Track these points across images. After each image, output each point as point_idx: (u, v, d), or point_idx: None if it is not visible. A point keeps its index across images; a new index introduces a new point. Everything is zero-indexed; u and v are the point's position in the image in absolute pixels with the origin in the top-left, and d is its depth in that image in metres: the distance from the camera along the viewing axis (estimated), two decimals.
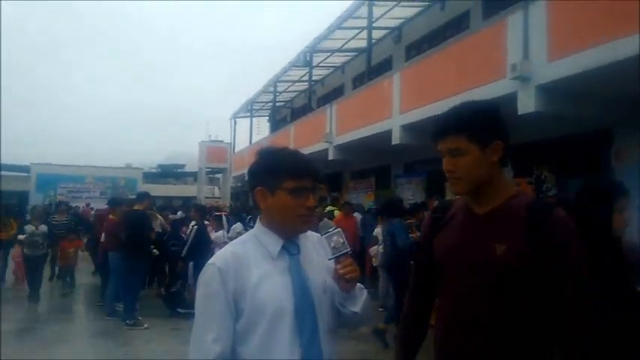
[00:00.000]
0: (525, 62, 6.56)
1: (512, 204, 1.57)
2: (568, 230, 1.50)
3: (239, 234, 9.09)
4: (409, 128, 9.71)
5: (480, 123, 1.56)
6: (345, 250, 1.52)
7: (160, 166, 49.16)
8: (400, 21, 14.56)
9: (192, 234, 7.59)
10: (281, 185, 1.53)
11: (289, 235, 1.59)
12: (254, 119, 26.20)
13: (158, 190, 34.88)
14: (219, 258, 1.54)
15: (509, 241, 1.49)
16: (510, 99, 6.72)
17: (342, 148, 13.00)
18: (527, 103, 6.60)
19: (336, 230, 1.56)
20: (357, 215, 10.42)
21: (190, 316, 5.64)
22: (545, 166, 8.71)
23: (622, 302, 2.15)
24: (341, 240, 1.53)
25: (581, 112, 6.90)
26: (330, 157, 13.21)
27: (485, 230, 1.56)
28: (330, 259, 1.54)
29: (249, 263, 1.52)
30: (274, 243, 1.56)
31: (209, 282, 1.50)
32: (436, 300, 1.77)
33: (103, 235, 8.24)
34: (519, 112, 6.67)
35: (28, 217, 9.90)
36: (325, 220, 7.36)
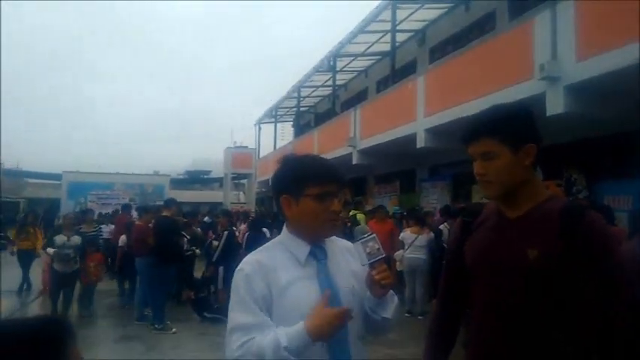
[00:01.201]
0: (553, 62, 6.45)
1: (544, 208, 1.53)
2: (603, 234, 1.46)
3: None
4: (434, 131, 9.63)
5: (513, 126, 1.53)
6: (381, 256, 1.52)
7: (186, 172, 49.87)
8: (424, 23, 14.48)
9: (223, 239, 7.67)
10: (305, 192, 1.54)
11: (316, 240, 1.59)
12: (278, 125, 26.39)
13: (185, 196, 35.43)
14: (247, 264, 1.56)
15: (541, 246, 1.45)
16: (538, 100, 6.60)
17: (366, 153, 12.97)
18: (555, 104, 6.49)
19: (372, 236, 1.55)
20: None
21: (217, 320, 5.72)
22: (575, 168, 8.51)
23: None
24: (376, 246, 1.53)
25: (611, 113, 6.74)
26: (354, 161, 13.19)
27: (517, 235, 1.53)
28: (364, 265, 1.54)
29: (277, 269, 1.53)
30: (301, 249, 1.57)
31: (238, 287, 1.52)
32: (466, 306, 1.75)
33: (121, 238, 8.69)
34: (548, 113, 6.56)
35: (57, 224, 9.07)
36: (362, 225, 7.33)
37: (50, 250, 7.21)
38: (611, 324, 1.40)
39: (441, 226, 8.44)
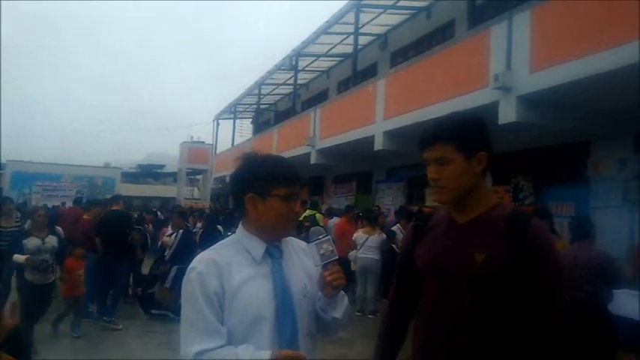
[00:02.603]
0: (507, 72, 6.68)
1: (492, 214, 1.59)
2: (546, 240, 1.53)
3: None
4: (392, 134, 9.79)
5: (467, 134, 1.59)
6: (334, 258, 1.55)
7: (139, 165, 48.59)
8: (386, 28, 14.68)
9: (178, 239, 7.49)
10: (273, 192, 1.56)
11: (274, 239, 1.61)
12: (237, 121, 26.09)
13: (137, 190, 34.56)
14: (200, 262, 1.54)
15: (488, 251, 1.51)
16: (492, 108, 6.83)
17: (324, 152, 13.03)
18: (508, 113, 6.72)
19: (326, 238, 1.59)
20: (338, 220, 10.42)
21: (165, 318, 5.61)
22: (523, 175, 8.86)
23: None
24: (330, 247, 1.56)
25: (561, 124, 7.06)
26: (313, 160, 13.24)
27: (466, 239, 1.58)
28: (318, 266, 1.57)
29: (231, 267, 1.52)
30: (258, 247, 1.58)
31: (191, 286, 1.50)
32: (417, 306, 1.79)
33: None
34: (500, 122, 6.79)
35: (27, 227, 6.90)
36: (317, 227, 7.31)
37: (20, 258, 5.40)
38: (549, 327, 1.47)
39: (394, 228, 8.61)
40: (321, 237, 1.59)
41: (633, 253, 6.84)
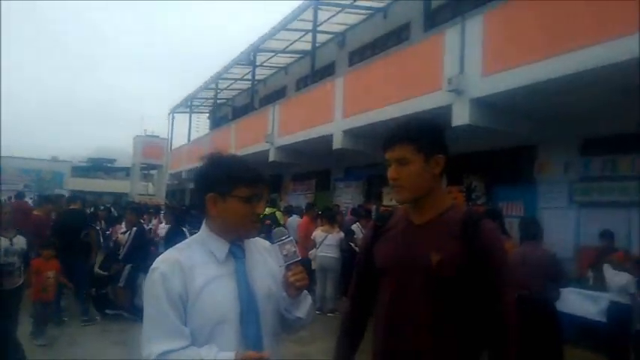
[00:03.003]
0: (460, 76, 6.88)
1: (447, 215, 1.68)
2: (495, 241, 1.64)
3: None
4: (350, 133, 9.88)
5: (427, 136, 1.67)
6: (296, 259, 1.58)
7: (89, 159, 46.84)
8: (344, 27, 14.80)
9: (132, 237, 7.31)
10: (234, 192, 1.56)
11: (236, 239, 1.62)
12: (193, 116, 25.58)
13: (87, 184, 33.31)
14: (163, 262, 1.54)
15: (444, 251, 1.59)
16: (446, 111, 7.03)
17: (283, 150, 13.00)
18: (461, 116, 6.93)
19: (289, 239, 1.61)
20: (297, 218, 10.46)
21: (119, 317, 5.45)
22: (476, 176, 9.18)
23: None
24: (293, 248, 1.59)
25: (511, 127, 7.36)
26: (271, 158, 13.19)
27: (423, 240, 1.66)
28: (281, 267, 1.60)
29: (194, 267, 1.53)
30: (221, 247, 1.59)
31: (153, 286, 1.50)
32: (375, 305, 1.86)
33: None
34: (453, 124, 6.99)
35: None
36: (280, 228, 7.28)
37: None
38: (498, 327, 1.58)
39: (354, 226, 8.72)
40: (283, 238, 1.61)
41: (578, 252, 7.23)
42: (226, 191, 1.57)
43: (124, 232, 7.73)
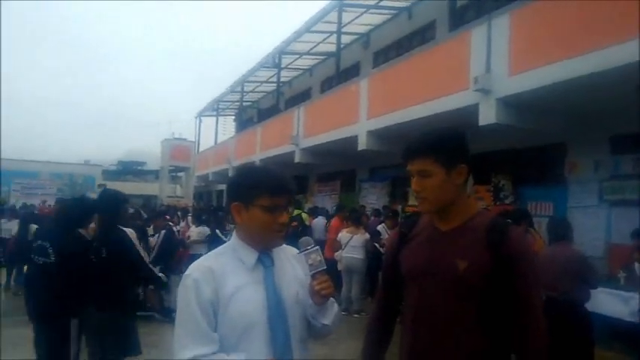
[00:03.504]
0: (487, 75, 6.82)
1: (473, 222, 1.68)
2: (523, 249, 1.63)
3: (207, 237, 8.97)
4: (375, 134, 9.89)
5: (447, 148, 1.67)
6: (322, 268, 1.62)
7: (120, 162, 47.95)
8: (369, 27, 14.77)
9: (161, 239, 7.48)
10: (256, 202, 1.60)
11: (264, 247, 1.66)
12: (220, 118, 25.94)
13: (117, 187, 33.95)
14: (195, 269, 1.60)
15: (470, 258, 1.60)
16: (472, 110, 6.97)
17: (308, 151, 13.07)
18: (487, 115, 6.87)
19: (315, 248, 1.66)
20: (322, 219, 10.51)
21: (151, 318, 5.40)
22: (503, 175, 9.05)
23: None
24: (318, 258, 1.63)
25: (539, 126, 7.24)
26: (297, 159, 13.27)
27: (449, 247, 1.67)
28: (307, 275, 1.65)
29: (225, 275, 1.58)
30: (250, 255, 1.64)
31: (186, 292, 1.56)
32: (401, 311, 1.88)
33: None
34: (480, 123, 6.93)
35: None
36: (306, 237, 7.36)
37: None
38: (527, 333, 1.58)
39: (379, 227, 8.72)
40: (309, 248, 1.66)
41: (609, 252, 7.07)
42: (249, 201, 1.61)
43: (152, 236, 7.91)
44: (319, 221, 10.36)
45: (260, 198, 1.60)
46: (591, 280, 4.36)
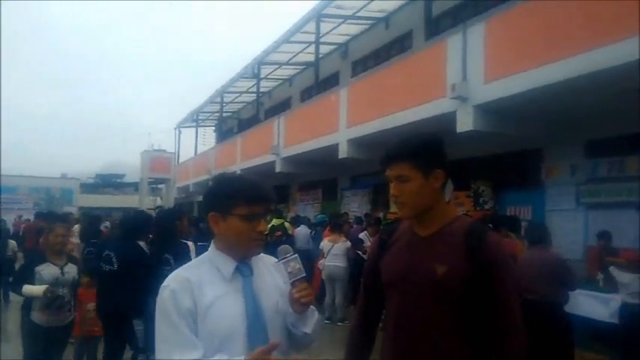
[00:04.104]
0: (463, 83, 6.92)
1: (452, 227, 1.70)
2: (501, 254, 1.65)
3: None
4: (355, 142, 9.94)
5: (424, 153, 1.69)
6: (301, 275, 1.61)
7: (97, 175, 47.26)
8: (347, 37, 14.91)
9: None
10: (233, 211, 1.59)
11: (242, 257, 1.64)
12: (200, 129, 25.77)
13: (97, 200, 33.56)
14: (173, 280, 1.58)
15: (449, 262, 1.61)
16: (450, 117, 7.06)
17: (289, 161, 13.07)
18: (465, 122, 6.96)
19: (293, 256, 1.65)
20: (305, 228, 10.49)
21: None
22: (483, 181, 9.17)
23: None
24: (297, 265, 1.62)
25: (516, 132, 7.37)
26: (278, 169, 13.25)
27: (428, 252, 1.68)
28: (286, 284, 1.63)
29: (203, 285, 1.56)
30: (228, 265, 1.62)
31: (164, 303, 1.53)
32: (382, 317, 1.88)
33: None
34: (458, 130, 7.02)
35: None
36: (285, 245, 7.32)
37: (34, 289, 3.97)
38: (506, 337, 1.59)
39: (361, 235, 8.73)
40: (288, 256, 1.65)
41: (587, 254, 7.19)
42: (227, 210, 1.59)
43: None
44: (302, 230, 10.34)
45: (237, 207, 1.58)
46: (569, 282, 4.44)
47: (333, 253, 7.91)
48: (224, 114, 23.42)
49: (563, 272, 4.38)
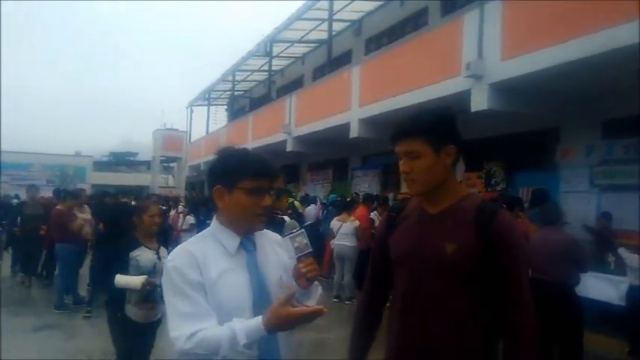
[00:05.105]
0: (479, 61, 6.77)
1: (462, 205, 1.65)
2: (513, 231, 1.61)
3: (192, 225, 9.00)
4: (367, 122, 9.84)
5: (436, 128, 1.63)
6: (308, 251, 1.60)
7: (111, 153, 47.64)
8: (360, 14, 14.67)
9: None
10: (238, 185, 1.57)
11: (246, 232, 1.63)
12: (211, 108, 25.77)
13: (109, 178, 33.93)
14: (177, 255, 1.57)
15: (458, 240, 1.57)
16: (464, 96, 6.93)
17: (300, 140, 13.03)
18: (479, 101, 6.84)
19: (300, 231, 1.63)
20: (314, 207, 10.49)
21: None
22: (495, 162, 9.05)
23: None
24: (304, 241, 1.60)
25: (531, 111, 7.21)
26: (289, 148, 13.22)
27: (437, 229, 1.63)
28: (291, 259, 1.62)
29: (208, 260, 1.54)
30: (231, 240, 1.60)
31: (171, 278, 1.52)
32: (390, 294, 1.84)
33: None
34: (472, 109, 6.90)
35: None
36: (292, 221, 7.34)
37: (133, 280, 3.30)
38: (516, 309, 1.55)
39: (372, 215, 8.71)
40: (295, 231, 1.64)
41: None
42: (231, 184, 1.58)
43: None
44: (311, 209, 10.35)
45: (243, 181, 1.56)
46: (582, 263, 4.37)
47: (342, 232, 7.92)
48: (236, 92, 23.36)
49: (576, 253, 4.32)
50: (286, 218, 4.93)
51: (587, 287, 5.35)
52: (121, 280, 3.28)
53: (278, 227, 5.16)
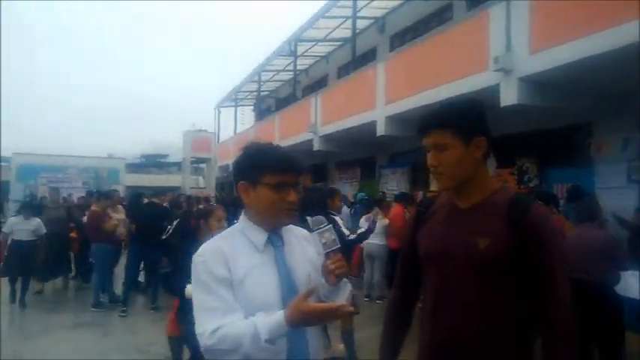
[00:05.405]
0: (507, 54, 6.63)
1: (494, 199, 1.60)
2: (547, 224, 1.55)
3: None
4: (394, 119, 9.75)
5: (465, 119, 1.59)
6: (336, 247, 1.58)
7: (142, 155, 48.65)
8: (384, 11, 14.55)
9: (172, 228, 7.52)
10: (262, 180, 1.57)
11: (273, 227, 1.63)
12: (238, 109, 26.03)
13: (142, 180, 34.68)
14: (205, 250, 1.58)
15: (491, 236, 1.53)
16: (493, 91, 6.79)
17: (327, 139, 13.00)
18: (509, 95, 6.68)
19: (328, 227, 1.61)
20: (343, 206, 10.44)
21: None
22: (527, 157, 8.84)
23: None
24: (332, 237, 1.59)
25: (563, 105, 7.01)
26: (315, 147, 13.22)
27: (468, 224, 1.59)
28: (320, 255, 1.61)
29: (236, 256, 1.55)
30: (259, 235, 1.61)
31: (199, 273, 1.54)
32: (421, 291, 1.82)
33: None
34: (502, 104, 6.75)
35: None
36: (318, 216, 7.33)
37: None
38: (552, 305, 1.49)
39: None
40: (322, 226, 1.62)
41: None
42: (255, 179, 1.58)
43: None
44: (345, 208, 10.31)
45: (266, 176, 1.57)
46: (620, 262, 4.23)
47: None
48: (262, 93, 23.51)
49: (615, 251, 4.18)
50: (338, 219, 4.83)
51: (629, 286, 5.16)
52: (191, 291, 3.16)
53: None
